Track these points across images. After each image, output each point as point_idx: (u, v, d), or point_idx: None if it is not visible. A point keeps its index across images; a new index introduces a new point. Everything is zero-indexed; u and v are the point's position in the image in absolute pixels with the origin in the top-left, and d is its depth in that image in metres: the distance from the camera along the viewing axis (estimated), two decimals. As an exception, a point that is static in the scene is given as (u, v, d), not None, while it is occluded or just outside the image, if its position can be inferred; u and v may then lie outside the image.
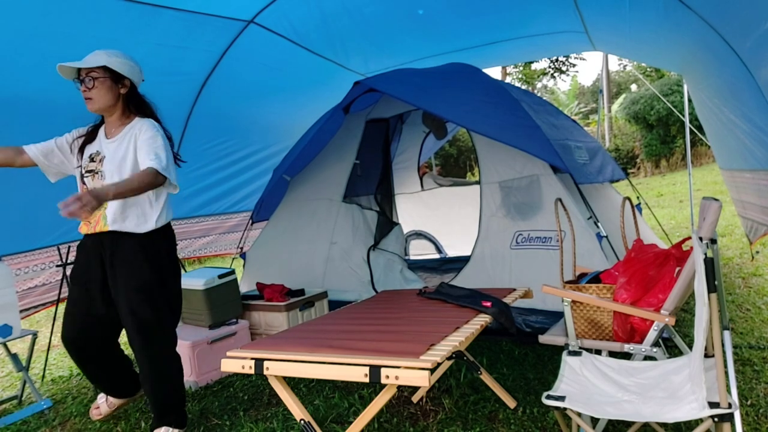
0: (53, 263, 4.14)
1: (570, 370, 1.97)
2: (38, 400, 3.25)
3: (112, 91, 2.47)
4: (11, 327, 3.19)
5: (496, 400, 2.69)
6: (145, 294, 2.46)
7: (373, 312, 2.60)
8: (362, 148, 4.57)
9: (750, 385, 2.61)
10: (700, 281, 1.60)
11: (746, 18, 2.64)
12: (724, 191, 6.70)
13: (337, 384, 3.12)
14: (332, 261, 4.36)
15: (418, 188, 6.21)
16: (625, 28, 4.23)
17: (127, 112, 2.55)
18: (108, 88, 2.45)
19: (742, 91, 3.36)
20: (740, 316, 3.65)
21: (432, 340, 1.90)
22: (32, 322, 5.70)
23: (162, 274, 2.52)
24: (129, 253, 2.46)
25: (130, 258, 2.46)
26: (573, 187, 3.47)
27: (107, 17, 3.35)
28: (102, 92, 2.44)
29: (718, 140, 4.88)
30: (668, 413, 1.58)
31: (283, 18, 4.22)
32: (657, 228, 6.31)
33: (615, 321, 2.23)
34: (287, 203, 4.67)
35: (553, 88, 24.04)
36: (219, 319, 3.65)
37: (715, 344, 1.60)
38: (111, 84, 2.46)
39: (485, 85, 3.92)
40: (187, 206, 5.44)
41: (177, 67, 4.25)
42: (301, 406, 1.98)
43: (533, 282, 3.02)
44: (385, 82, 3.78)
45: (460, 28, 4.82)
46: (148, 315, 2.46)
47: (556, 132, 3.83)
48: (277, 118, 5.79)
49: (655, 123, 14.09)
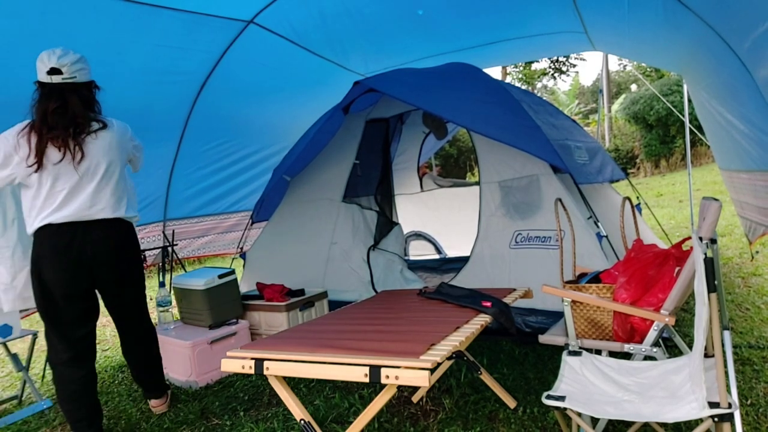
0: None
1: (570, 370, 1.97)
2: (38, 400, 3.25)
3: None
4: (11, 327, 3.19)
5: (496, 400, 2.69)
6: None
7: (373, 312, 2.60)
8: (362, 149, 4.57)
9: (750, 385, 2.62)
10: (700, 281, 1.60)
11: (745, 18, 2.64)
12: (724, 191, 6.70)
13: (337, 384, 3.12)
14: (332, 261, 4.36)
15: (418, 189, 6.21)
16: (624, 28, 4.23)
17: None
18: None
19: (740, 91, 3.36)
20: (740, 315, 3.65)
21: (432, 340, 1.90)
22: (32, 322, 5.70)
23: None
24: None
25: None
26: (573, 187, 3.47)
27: (107, 17, 3.35)
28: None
29: (717, 140, 4.89)
30: (668, 413, 1.58)
31: (283, 18, 4.22)
32: (657, 228, 6.31)
33: (615, 321, 2.23)
34: (287, 203, 4.67)
35: (553, 88, 24.05)
36: (219, 319, 3.65)
37: (715, 344, 1.60)
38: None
39: (485, 85, 3.92)
40: (188, 207, 5.45)
41: (176, 67, 4.25)
42: (301, 406, 1.99)
43: (533, 282, 3.02)
44: (384, 82, 3.78)
45: (460, 28, 4.82)
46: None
47: (556, 132, 3.83)
48: (277, 118, 5.79)
49: (654, 123, 14.09)
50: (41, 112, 2.41)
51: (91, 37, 3.44)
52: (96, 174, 2.51)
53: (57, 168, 2.43)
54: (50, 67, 2.39)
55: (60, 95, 2.42)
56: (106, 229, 2.56)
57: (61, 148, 2.39)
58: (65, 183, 2.44)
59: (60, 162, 2.42)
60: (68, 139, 2.40)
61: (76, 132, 2.43)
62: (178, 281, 3.81)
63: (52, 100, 2.39)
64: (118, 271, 2.64)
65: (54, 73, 2.39)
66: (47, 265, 2.47)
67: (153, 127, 4.57)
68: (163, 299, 3.77)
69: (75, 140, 2.42)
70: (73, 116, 2.43)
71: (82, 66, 2.50)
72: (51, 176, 2.43)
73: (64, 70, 2.42)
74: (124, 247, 2.67)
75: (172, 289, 3.91)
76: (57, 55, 2.41)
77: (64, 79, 2.42)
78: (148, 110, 4.44)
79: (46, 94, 2.42)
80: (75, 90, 2.46)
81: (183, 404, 3.11)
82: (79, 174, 2.46)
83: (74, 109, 2.43)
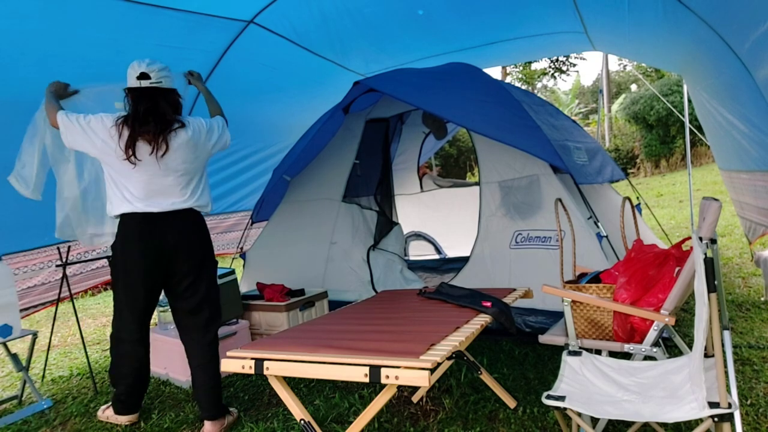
0: (52, 262, 4.14)
1: (570, 370, 1.97)
2: (38, 400, 3.26)
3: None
4: (11, 327, 3.19)
5: (496, 400, 2.69)
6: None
7: (373, 312, 2.60)
8: (362, 148, 4.57)
9: (750, 385, 2.62)
10: (700, 281, 1.60)
11: (745, 18, 2.64)
12: (724, 191, 6.71)
13: (337, 384, 3.12)
14: (332, 261, 4.36)
15: (418, 189, 6.21)
16: (624, 28, 4.23)
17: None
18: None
19: (741, 91, 3.36)
20: (740, 315, 3.65)
21: (432, 340, 1.90)
22: (32, 322, 5.70)
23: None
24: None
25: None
26: (573, 187, 3.48)
27: (107, 17, 3.35)
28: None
29: (717, 140, 4.89)
30: (668, 413, 1.58)
31: (283, 18, 4.22)
32: (657, 228, 6.32)
33: (615, 321, 2.23)
34: (287, 203, 4.67)
35: (553, 88, 24.05)
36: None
37: (715, 344, 1.60)
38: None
39: (485, 85, 3.92)
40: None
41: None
42: (301, 406, 1.99)
43: (533, 282, 3.02)
44: (384, 82, 3.78)
45: (460, 28, 4.82)
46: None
47: (555, 132, 3.83)
48: (277, 118, 5.79)
49: (654, 123, 14.09)
50: (134, 110, 2.67)
51: (92, 37, 3.44)
52: (177, 168, 2.73)
53: (144, 159, 2.65)
54: (140, 72, 2.69)
55: (150, 97, 2.69)
56: (183, 219, 2.78)
57: (150, 142, 2.63)
58: (148, 174, 2.66)
59: (149, 155, 2.64)
60: (157, 135, 2.64)
61: (162, 128, 2.67)
62: (178, 281, 3.80)
63: (143, 102, 2.67)
64: (193, 259, 2.81)
65: (143, 78, 2.70)
66: (130, 251, 2.69)
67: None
68: (164, 299, 3.76)
69: (162, 135, 2.66)
70: (162, 114, 2.69)
71: (167, 74, 2.79)
72: (139, 167, 2.65)
73: (152, 75, 2.71)
74: (198, 235, 2.88)
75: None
76: (146, 63, 2.72)
77: (152, 83, 2.70)
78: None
79: (136, 96, 2.69)
80: (162, 93, 2.73)
81: (183, 404, 3.11)
82: (161, 167, 2.68)
83: (163, 108, 2.70)
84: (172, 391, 3.34)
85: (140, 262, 2.68)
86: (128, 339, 2.81)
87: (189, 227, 2.80)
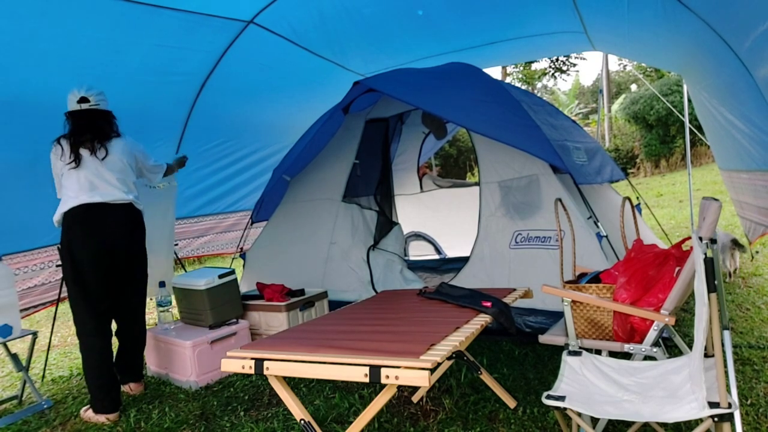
0: (53, 262, 4.14)
1: (570, 370, 1.97)
2: (39, 400, 3.26)
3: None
4: (11, 327, 3.19)
5: (496, 400, 2.69)
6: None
7: (373, 312, 2.60)
8: (362, 148, 4.57)
9: (750, 385, 2.62)
10: (700, 281, 1.60)
11: (745, 18, 2.64)
12: (724, 191, 6.70)
13: (337, 384, 3.12)
14: (332, 261, 4.36)
15: (418, 189, 6.21)
16: (624, 28, 4.24)
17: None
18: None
19: (741, 91, 3.36)
20: (740, 315, 3.65)
21: (432, 340, 1.90)
22: (32, 322, 5.70)
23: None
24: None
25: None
26: (573, 187, 3.47)
27: (107, 18, 3.35)
28: None
29: (717, 140, 4.89)
30: (668, 413, 1.58)
31: (283, 18, 4.22)
32: (657, 228, 6.32)
33: (615, 321, 2.23)
34: (287, 203, 4.67)
35: (553, 89, 24.05)
36: (219, 319, 3.65)
37: (715, 344, 1.60)
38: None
39: (485, 85, 3.92)
40: (188, 207, 5.45)
41: (176, 67, 4.25)
42: (301, 406, 1.99)
43: (533, 282, 3.02)
44: (384, 82, 3.78)
45: (460, 28, 4.82)
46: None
47: (555, 132, 3.82)
48: (277, 118, 5.79)
49: (654, 123, 14.09)
50: (74, 126, 3.07)
51: (91, 37, 3.44)
52: (114, 168, 3.10)
53: (85, 159, 3.02)
54: (80, 97, 3.06)
55: (89, 117, 3.09)
56: (122, 210, 3.10)
57: (90, 149, 3.04)
58: (91, 171, 3.02)
59: (89, 156, 3.03)
60: (95, 143, 3.05)
61: (100, 138, 3.08)
62: (178, 281, 3.81)
63: (83, 119, 3.07)
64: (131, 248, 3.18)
65: (83, 101, 3.07)
66: (76, 244, 2.98)
67: (153, 127, 4.57)
68: (164, 299, 3.77)
69: (100, 143, 3.07)
70: (100, 128, 3.10)
71: (104, 98, 3.16)
72: (83, 169, 3.02)
73: (91, 99, 3.09)
74: (136, 228, 3.21)
75: (172, 289, 3.90)
76: (84, 88, 3.09)
77: (91, 106, 3.09)
78: (148, 110, 4.44)
79: (77, 117, 3.07)
80: (99, 114, 3.13)
81: (183, 404, 3.11)
82: (103, 165, 3.05)
83: (100, 124, 3.11)
84: (172, 391, 3.34)
85: (86, 252, 2.96)
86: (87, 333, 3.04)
87: (128, 219, 3.12)
